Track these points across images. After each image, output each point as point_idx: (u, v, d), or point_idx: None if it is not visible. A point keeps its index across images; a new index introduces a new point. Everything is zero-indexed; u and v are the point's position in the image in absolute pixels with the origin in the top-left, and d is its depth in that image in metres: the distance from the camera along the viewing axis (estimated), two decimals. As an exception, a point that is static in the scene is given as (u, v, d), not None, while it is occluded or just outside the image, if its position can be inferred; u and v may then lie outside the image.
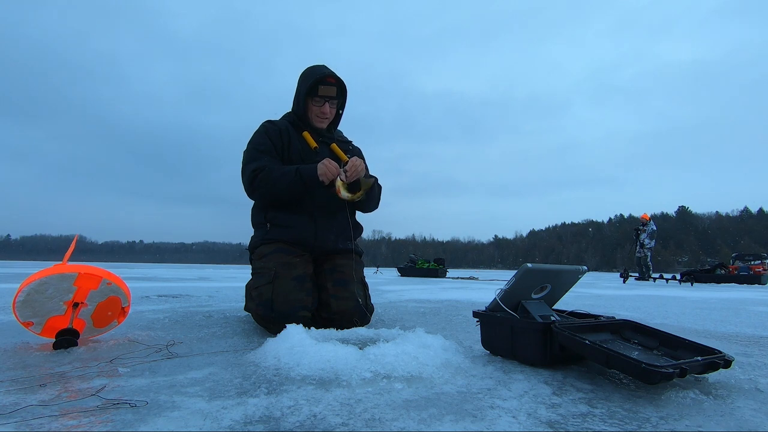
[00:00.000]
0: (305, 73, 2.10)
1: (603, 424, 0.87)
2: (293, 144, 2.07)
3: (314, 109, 2.10)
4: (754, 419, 0.92)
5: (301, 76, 2.11)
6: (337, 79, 2.08)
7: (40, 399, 0.96)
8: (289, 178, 1.90)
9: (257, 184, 1.95)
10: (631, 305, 3.68)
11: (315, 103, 2.08)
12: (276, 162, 2.01)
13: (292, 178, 1.90)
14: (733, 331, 2.21)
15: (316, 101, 2.08)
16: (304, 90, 2.05)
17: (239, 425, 0.83)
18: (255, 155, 2.02)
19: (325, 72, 2.06)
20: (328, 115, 2.13)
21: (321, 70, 2.07)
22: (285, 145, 2.06)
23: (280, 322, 1.63)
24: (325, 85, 2.05)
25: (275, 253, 1.92)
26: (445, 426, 0.84)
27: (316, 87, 2.05)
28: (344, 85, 2.13)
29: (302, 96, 2.07)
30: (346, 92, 2.17)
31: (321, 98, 2.07)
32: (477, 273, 20.86)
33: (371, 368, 1.17)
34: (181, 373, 1.20)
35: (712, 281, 11.25)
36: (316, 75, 2.04)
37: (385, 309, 2.89)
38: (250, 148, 2.05)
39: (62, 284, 1.52)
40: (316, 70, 2.07)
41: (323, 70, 2.06)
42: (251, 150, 2.04)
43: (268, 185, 1.93)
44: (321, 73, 2.04)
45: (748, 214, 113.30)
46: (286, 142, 2.06)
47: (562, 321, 1.35)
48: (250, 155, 2.03)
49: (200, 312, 2.52)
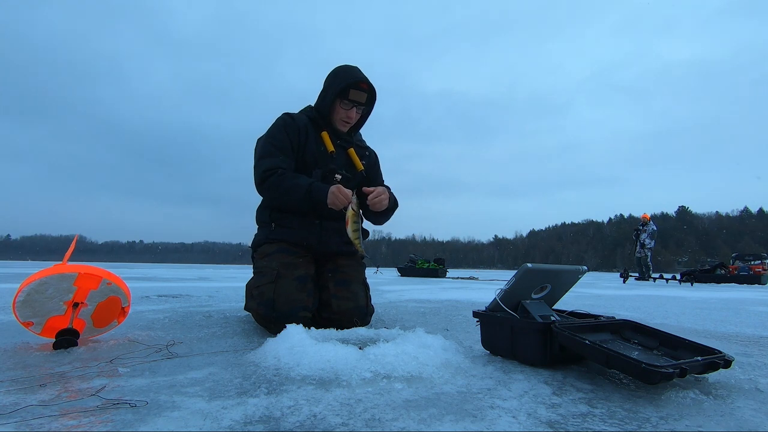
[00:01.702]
0: (337, 71, 2.04)
1: (603, 424, 0.87)
2: (309, 144, 2.01)
3: (341, 111, 2.03)
4: (754, 419, 0.92)
5: (332, 75, 2.04)
6: (370, 85, 2.03)
7: (40, 399, 0.96)
8: (299, 195, 1.84)
9: (266, 187, 1.90)
10: (631, 305, 3.68)
11: (343, 105, 2.02)
12: (290, 162, 1.96)
13: (301, 196, 1.84)
14: (733, 331, 2.20)
15: (345, 104, 2.02)
16: (334, 90, 1.99)
17: (239, 425, 0.83)
18: (270, 150, 1.95)
19: (359, 77, 2.00)
20: (353, 120, 2.07)
21: (355, 73, 2.01)
22: (302, 144, 2.00)
23: (281, 322, 1.63)
24: (357, 89, 2.00)
25: (278, 253, 1.92)
26: (445, 426, 0.84)
27: (348, 90, 1.99)
28: (375, 93, 2.08)
29: (330, 95, 2.00)
30: (375, 100, 2.11)
31: (350, 102, 2.01)
32: (477, 273, 20.85)
33: (371, 368, 1.17)
34: (181, 373, 1.20)
35: (712, 281, 11.25)
36: (350, 78, 1.98)
37: (385, 309, 2.89)
38: (266, 141, 1.99)
39: (62, 284, 1.52)
40: (350, 72, 2.01)
41: (357, 75, 2.01)
42: (267, 144, 1.98)
43: (278, 193, 1.89)
44: (355, 77, 1.99)
45: (748, 214, 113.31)
46: (303, 141, 2.01)
47: (562, 321, 1.35)
48: (265, 149, 1.97)
49: (200, 312, 2.52)
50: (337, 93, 1.99)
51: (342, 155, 2.08)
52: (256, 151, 2.02)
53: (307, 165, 2.00)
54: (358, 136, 2.25)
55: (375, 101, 2.12)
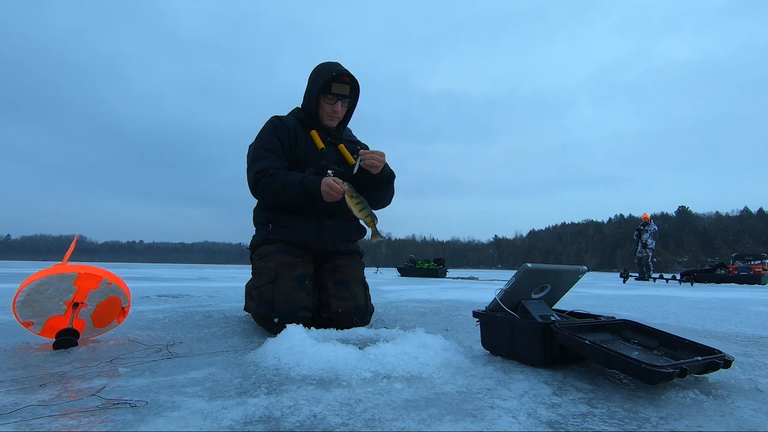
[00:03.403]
0: (318, 69, 2.06)
1: (603, 424, 0.87)
2: (300, 144, 2.02)
3: (326, 107, 2.05)
4: (754, 419, 0.92)
5: (314, 72, 2.06)
6: (351, 77, 2.04)
7: (40, 399, 0.96)
8: (293, 190, 1.85)
9: (260, 188, 1.92)
10: (631, 305, 3.68)
11: (327, 100, 2.04)
12: (282, 162, 1.98)
13: (295, 191, 1.85)
14: (733, 331, 2.20)
15: (329, 99, 2.03)
16: (317, 87, 2.01)
17: (239, 425, 0.83)
18: (261, 153, 1.97)
19: (340, 70, 2.02)
20: (339, 114, 2.09)
21: (335, 67, 2.03)
22: (292, 145, 2.02)
23: (281, 322, 1.63)
24: (338, 83, 2.01)
25: (276, 253, 1.92)
26: (445, 426, 0.84)
27: (330, 84, 2.00)
28: (358, 84, 2.09)
29: (314, 93, 2.02)
30: (359, 92, 2.13)
31: (334, 96, 2.02)
32: (477, 273, 20.86)
33: (371, 368, 1.17)
34: (181, 373, 1.20)
35: (712, 281, 11.26)
36: (331, 72, 2.00)
37: (385, 309, 2.89)
38: (257, 145, 2.01)
39: (62, 284, 1.52)
40: (330, 67, 2.03)
41: (337, 68, 2.02)
42: (258, 147, 2.00)
43: (271, 192, 1.90)
44: (335, 71, 2.00)
45: (748, 214, 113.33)
46: (293, 142, 2.02)
47: (562, 321, 1.35)
48: (256, 153, 1.99)
49: (200, 312, 2.52)
50: (319, 89, 2.00)
51: (333, 152, 2.08)
52: (248, 157, 2.03)
53: (299, 165, 2.00)
54: (348, 131, 2.26)
55: (359, 93, 2.13)
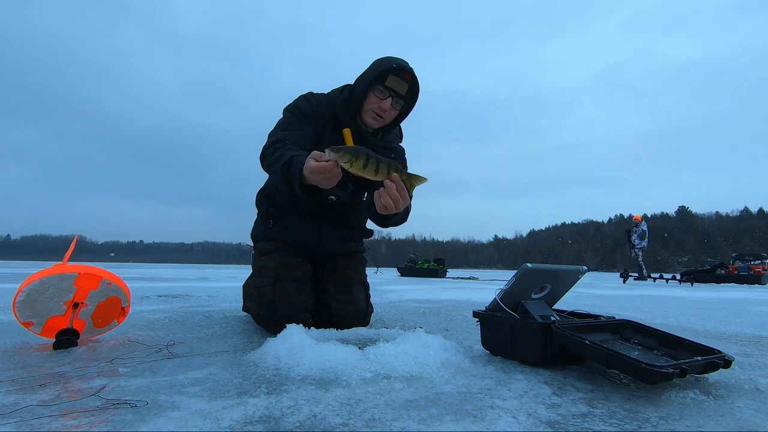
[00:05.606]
0: (378, 59, 1.77)
1: (603, 424, 0.87)
2: (324, 140, 1.77)
3: (373, 99, 1.73)
4: (754, 419, 0.92)
5: (373, 63, 1.77)
6: (414, 77, 1.75)
7: (40, 399, 0.96)
8: (276, 168, 1.50)
9: (264, 162, 1.66)
10: (631, 305, 3.68)
11: (377, 93, 1.72)
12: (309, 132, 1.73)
13: (278, 169, 1.49)
14: (733, 331, 2.21)
15: (380, 92, 1.72)
16: (369, 75, 1.71)
17: (239, 425, 0.83)
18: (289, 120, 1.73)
19: (402, 64, 1.72)
20: (387, 114, 1.77)
21: (398, 60, 1.74)
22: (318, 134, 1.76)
23: (282, 324, 1.63)
24: (396, 76, 1.71)
25: (275, 252, 1.90)
26: (445, 426, 0.84)
27: (386, 75, 1.70)
28: (418, 87, 1.79)
29: (365, 81, 1.72)
30: (417, 97, 1.82)
31: (386, 90, 1.72)
32: (477, 273, 20.85)
33: (371, 368, 1.17)
34: (181, 373, 1.20)
35: (712, 281, 11.26)
36: (391, 64, 1.71)
37: (385, 309, 2.89)
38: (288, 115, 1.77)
39: (62, 284, 1.52)
40: (393, 59, 1.73)
41: (400, 62, 1.73)
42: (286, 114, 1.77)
43: (266, 169, 1.67)
44: (397, 63, 1.71)
45: (748, 214, 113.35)
46: (318, 134, 1.76)
47: (562, 321, 1.35)
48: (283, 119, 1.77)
49: (200, 312, 2.52)
50: (373, 78, 1.71)
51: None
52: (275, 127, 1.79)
53: None
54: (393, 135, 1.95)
55: (417, 99, 1.82)
